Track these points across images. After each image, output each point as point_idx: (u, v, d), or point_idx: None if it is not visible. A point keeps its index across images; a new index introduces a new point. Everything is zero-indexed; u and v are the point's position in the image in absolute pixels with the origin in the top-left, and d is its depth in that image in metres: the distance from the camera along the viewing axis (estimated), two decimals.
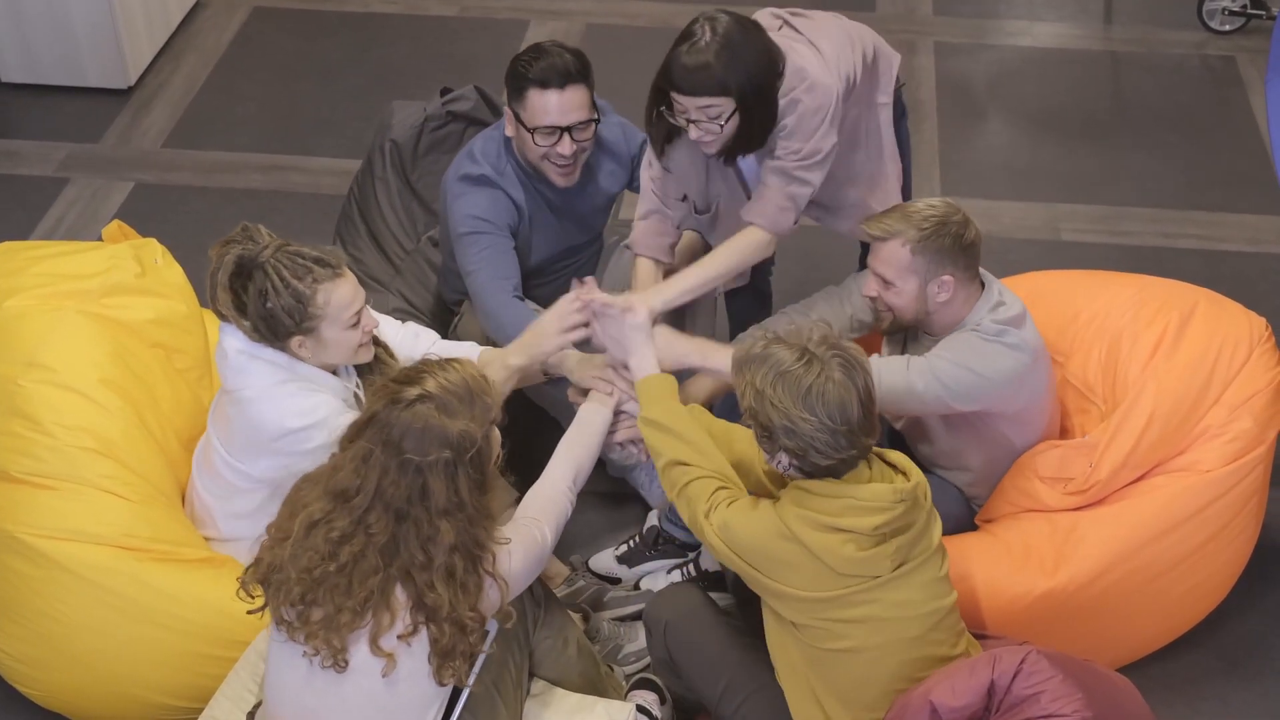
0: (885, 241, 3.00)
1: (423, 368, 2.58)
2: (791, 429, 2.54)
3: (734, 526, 2.64)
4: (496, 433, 2.60)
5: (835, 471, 2.59)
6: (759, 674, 2.81)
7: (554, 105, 3.26)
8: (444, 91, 3.97)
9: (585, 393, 3.12)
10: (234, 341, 2.87)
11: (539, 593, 2.85)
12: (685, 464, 2.76)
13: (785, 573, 2.60)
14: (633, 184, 3.59)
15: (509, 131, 3.38)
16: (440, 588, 2.46)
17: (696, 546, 3.42)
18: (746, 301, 3.75)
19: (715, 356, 3.09)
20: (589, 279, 3.16)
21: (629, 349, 3.01)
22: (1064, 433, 3.38)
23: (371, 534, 2.46)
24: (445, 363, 2.59)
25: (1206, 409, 3.19)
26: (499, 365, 3.10)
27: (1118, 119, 5.16)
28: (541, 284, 3.63)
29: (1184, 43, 5.53)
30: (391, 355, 3.08)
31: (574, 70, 3.27)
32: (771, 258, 3.58)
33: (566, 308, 3.11)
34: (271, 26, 5.60)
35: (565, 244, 3.57)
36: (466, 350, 3.16)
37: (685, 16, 5.47)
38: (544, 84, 3.25)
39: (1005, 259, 4.33)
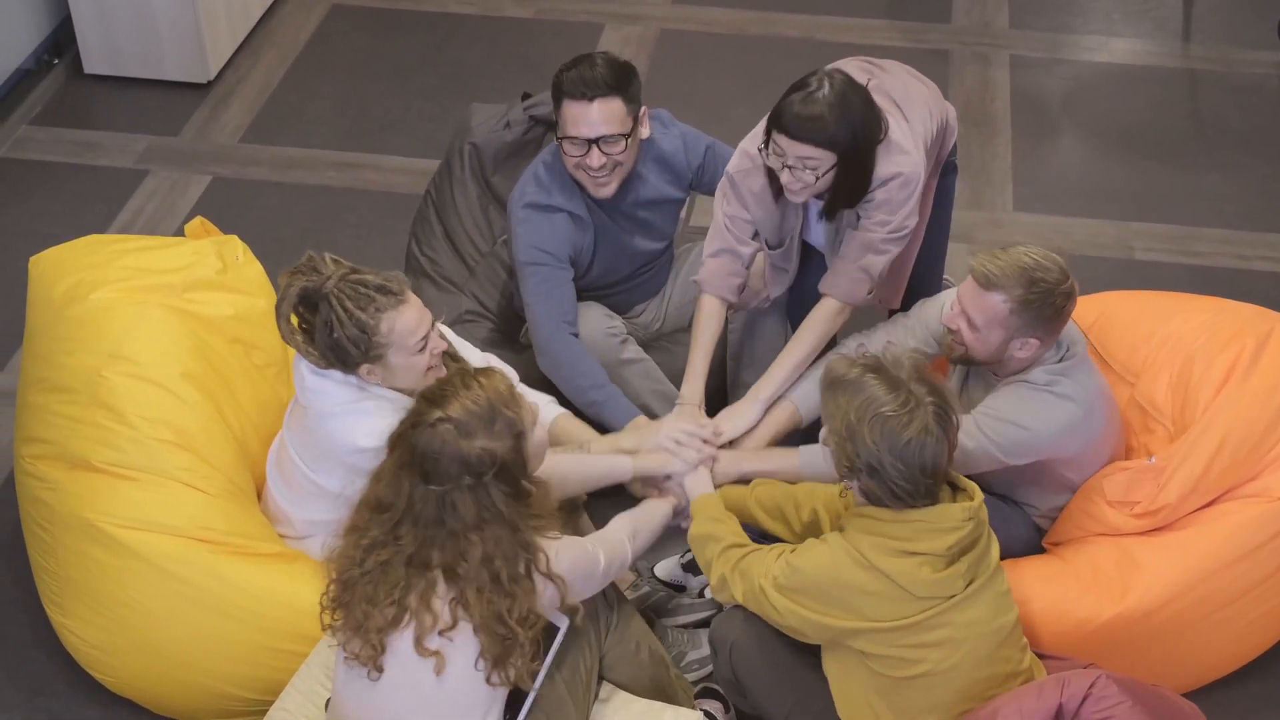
0: (987, 291, 2.94)
1: (450, 384, 2.59)
2: (878, 470, 2.55)
3: (802, 566, 2.64)
4: (537, 435, 2.63)
5: (902, 504, 2.60)
6: (825, 694, 2.80)
7: (582, 117, 3.27)
8: (525, 96, 3.99)
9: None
10: (305, 364, 2.90)
11: (612, 597, 2.87)
12: (743, 546, 2.80)
13: (862, 602, 2.59)
14: (700, 187, 3.61)
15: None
16: (480, 597, 2.50)
17: None
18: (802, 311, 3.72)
19: (773, 460, 3.18)
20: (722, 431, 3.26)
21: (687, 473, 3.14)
22: (1129, 452, 3.37)
23: (400, 544, 2.53)
24: (474, 377, 2.59)
25: None
26: (608, 445, 3.20)
27: (1193, 138, 5.12)
28: (615, 293, 3.65)
29: (1263, 62, 5.47)
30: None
31: (605, 82, 3.25)
32: None
33: (693, 438, 3.18)
34: (349, 24, 5.66)
35: (635, 249, 3.59)
36: (544, 405, 3.18)
37: (760, 24, 5.61)
38: (574, 95, 3.26)
39: (1076, 276, 4.17)
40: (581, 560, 2.66)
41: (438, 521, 2.51)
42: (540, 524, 2.59)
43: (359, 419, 2.85)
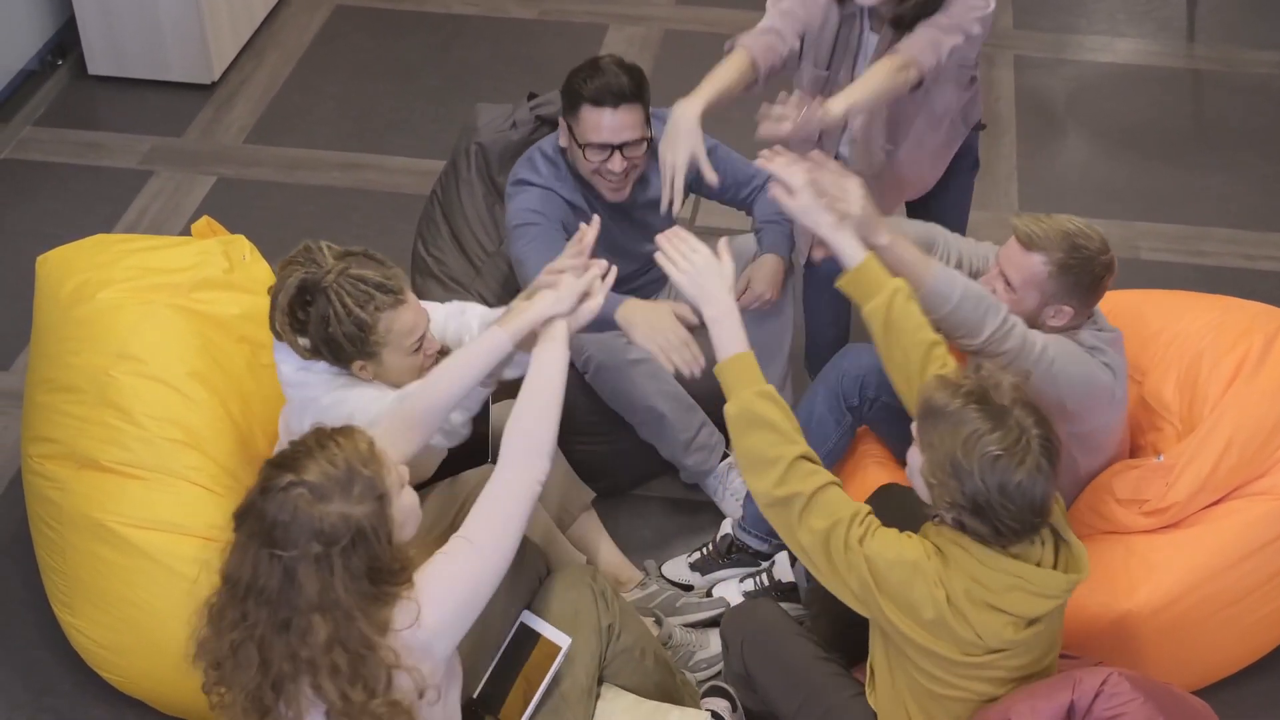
0: (1028, 251, 2.91)
1: (303, 445, 2.37)
2: (985, 509, 2.41)
3: (903, 562, 2.48)
4: (405, 498, 2.40)
5: (1004, 541, 2.47)
6: (836, 691, 2.80)
7: (606, 124, 3.30)
8: (531, 95, 3.99)
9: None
10: (287, 361, 2.88)
11: (614, 604, 2.85)
12: (816, 464, 2.57)
13: (938, 629, 2.49)
14: (701, 190, 3.59)
15: (563, 143, 3.44)
16: (328, 684, 2.28)
17: (770, 555, 3.42)
18: (825, 292, 3.69)
19: (908, 252, 2.84)
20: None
21: (705, 296, 2.72)
22: (1136, 450, 3.37)
23: (250, 625, 2.30)
24: (331, 437, 2.37)
25: None
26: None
27: (1198, 138, 5.12)
28: (618, 290, 3.64)
29: (1268, 62, 5.47)
30: None
31: (628, 91, 3.30)
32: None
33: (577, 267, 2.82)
34: (352, 25, 5.66)
35: (633, 251, 3.58)
36: (498, 313, 3.03)
37: None
38: (598, 102, 3.29)
39: None
40: (456, 603, 2.38)
41: (285, 599, 2.28)
42: (383, 611, 2.32)
43: (347, 393, 2.82)
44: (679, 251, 2.78)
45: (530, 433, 2.55)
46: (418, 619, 2.32)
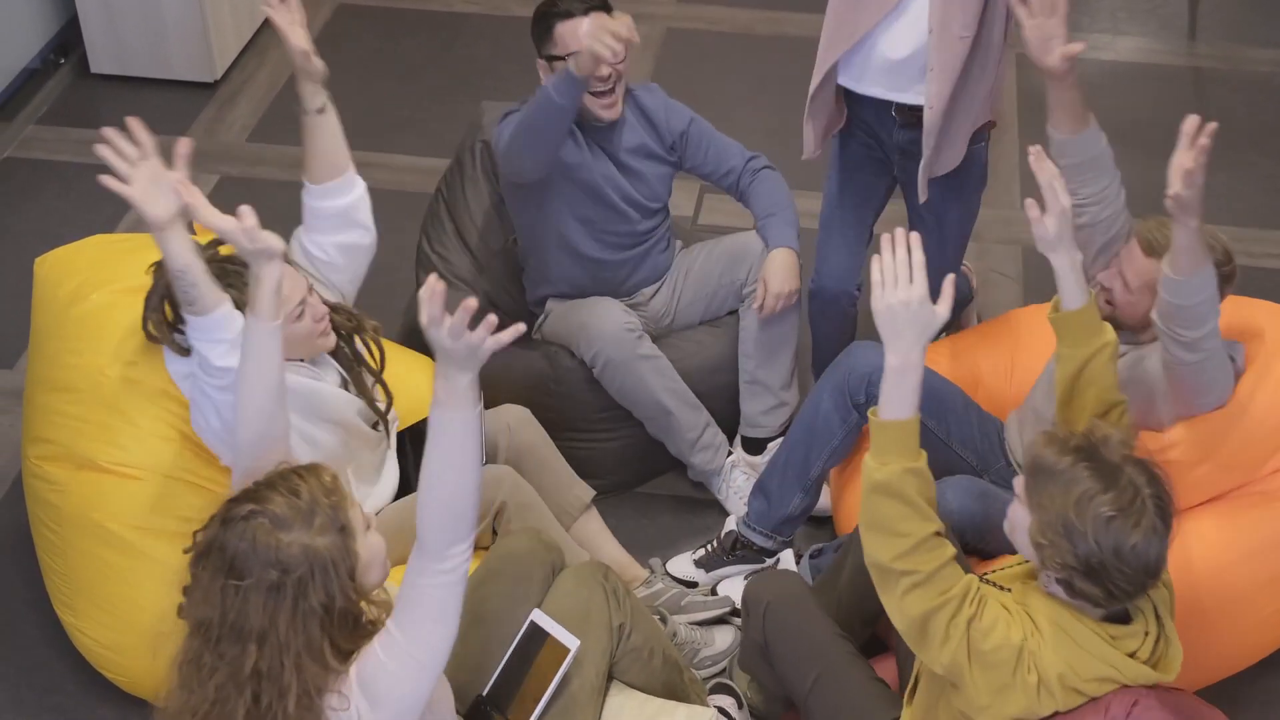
0: (1148, 256, 2.88)
1: (266, 480, 2.34)
2: (1099, 571, 2.34)
3: (1006, 643, 2.40)
4: (371, 539, 2.34)
5: (1114, 602, 2.41)
6: (853, 671, 2.77)
7: (584, 29, 3.40)
8: None
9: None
10: (171, 361, 2.90)
11: (626, 602, 2.85)
12: (944, 540, 2.47)
13: (1016, 701, 2.44)
14: (686, 161, 3.65)
15: (545, 82, 3.48)
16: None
17: (774, 552, 3.42)
18: (832, 317, 3.70)
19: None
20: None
21: (895, 339, 2.41)
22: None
23: (231, 662, 2.26)
24: (294, 471, 2.34)
25: None
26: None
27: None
28: (618, 265, 3.66)
29: (1269, 60, 5.48)
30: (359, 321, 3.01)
31: (594, 1, 3.45)
32: (860, 283, 3.58)
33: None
34: (355, 24, 5.66)
35: (627, 194, 3.59)
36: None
37: (767, 23, 5.62)
38: (569, 14, 3.43)
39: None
40: (405, 708, 2.29)
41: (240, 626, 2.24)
42: (350, 654, 2.29)
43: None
44: (893, 270, 2.43)
45: (442, 520, 2.29)
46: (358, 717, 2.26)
